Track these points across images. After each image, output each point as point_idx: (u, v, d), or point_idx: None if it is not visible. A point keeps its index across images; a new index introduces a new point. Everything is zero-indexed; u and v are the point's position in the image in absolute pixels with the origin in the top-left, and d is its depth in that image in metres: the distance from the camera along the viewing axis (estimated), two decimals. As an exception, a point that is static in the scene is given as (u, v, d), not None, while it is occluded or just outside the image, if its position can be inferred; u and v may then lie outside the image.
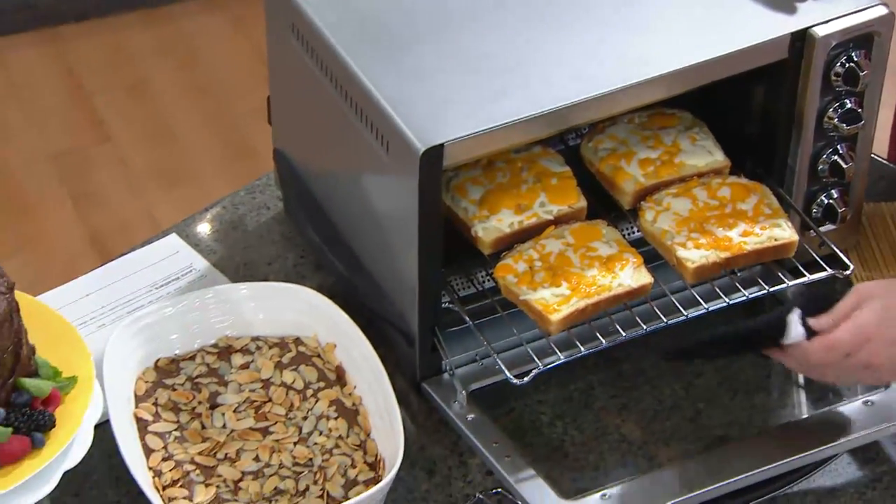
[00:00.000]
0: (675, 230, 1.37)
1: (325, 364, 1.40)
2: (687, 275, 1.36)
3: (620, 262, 1.35)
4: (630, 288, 1.34)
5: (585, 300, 1.32)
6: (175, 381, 1.37)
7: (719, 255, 1.35)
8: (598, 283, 1.33)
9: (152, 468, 1.29)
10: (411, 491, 1.34)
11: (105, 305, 1.47)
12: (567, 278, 1.34)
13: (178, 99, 2.85)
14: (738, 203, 1.39)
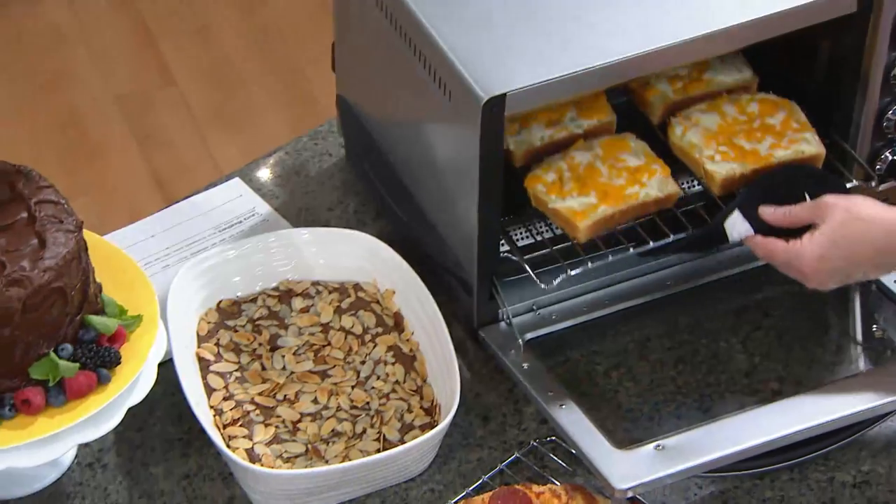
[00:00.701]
0: (703, 144, 1.40)
1: (384, 310, 1.41)
2: (714, 186, 1.39)
3: (648, 172, 1.38)
4: (657, 197, 1.37)
5: (612, 208, 1.35)
6: (237, 323, 1.39)
7: (746, 167, 1.38)
8: (626, 192, 1.36)
9: (213, 407, 1.32)
10: (466, 437, 1.36)
11: (169, 247, 1.50)
12: (595, 187, 1.37)
13: (242, 45, 2.87)
14: (767, 118, 1.41)
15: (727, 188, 1.39)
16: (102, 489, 1.30)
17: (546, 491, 1.27)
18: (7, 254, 1.20)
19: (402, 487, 1.31)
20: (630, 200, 1.36)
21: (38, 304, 1.19)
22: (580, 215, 1.35)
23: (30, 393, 1.20)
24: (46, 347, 1.21)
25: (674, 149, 1.42)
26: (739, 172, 1.38)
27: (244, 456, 1.28)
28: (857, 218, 1.27)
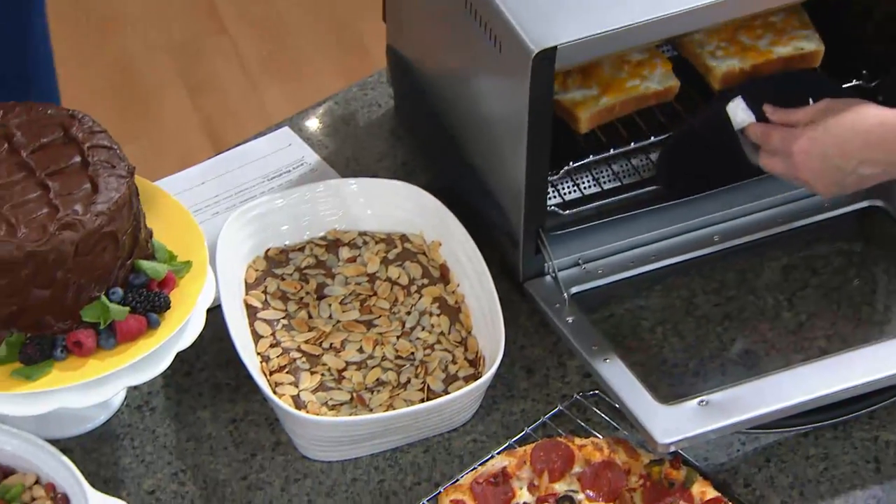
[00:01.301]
0: (704, 39, 1.44)
1: (430, 261, 1.43)
2: (714, 81, 1.43)
3: (650, 66, 1.42)
4: (657, 90, 1.41)
5: (613, 99, 1.40)
6: (284, 271, 1.41)
7: (746, 62, 1.42)
8: (627, 84, 1.40)
9: (260, 354, 1.34)
10: (510, 389, 1.37)
11: (219, 194, 1.52)
12: (598, 80, 1.41)
13: (293, -7, 2.88)
14: (769, 16, 1.44)
15: (727, 83, 1.42)
16: (151, 431, 1.33)
17: (588, 444, 1.28)
18: (60, 197, 1.22)
19: (445, 437, 1.33)
20: (631, 92, 1.40)
21: (90, 248, 1.21)
22: (581, 106, 1.39)
23: (81, 335, 1.22)
24: (98, 291, 1.23)
25: (676, 45, 1.46)
26: (739, 68, 1.42)
27: (290, 402, 1.30)
28: (851, 109, 1.30)
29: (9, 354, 1.21)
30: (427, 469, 1.30)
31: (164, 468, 1.30)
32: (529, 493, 1.25)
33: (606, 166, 1.47)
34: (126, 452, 1.31)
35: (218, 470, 1.30)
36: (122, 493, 1.27)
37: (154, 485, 1.29)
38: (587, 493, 1.25)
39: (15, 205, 1.21)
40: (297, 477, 1.29)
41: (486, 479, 1.26)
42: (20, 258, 1.18)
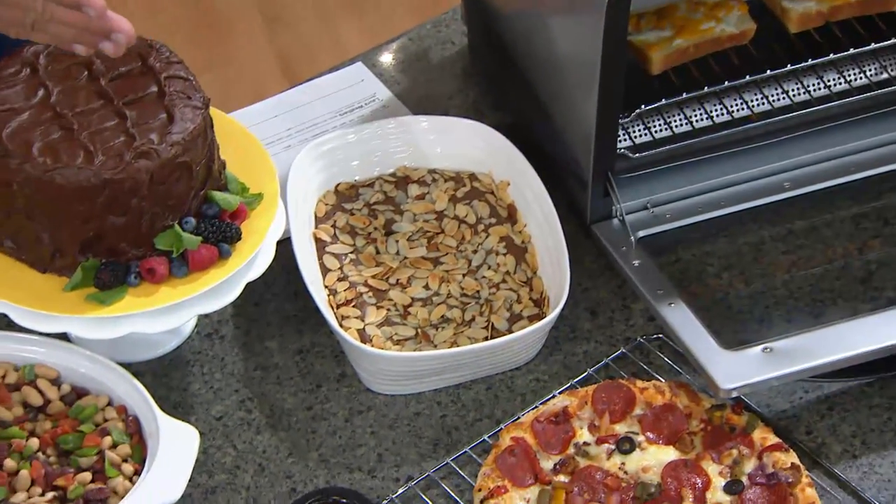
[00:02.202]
0: None
1: (498, 201, 1.44)
2: (791, 24, 1.43)
3: (726, 8, 1.42)
4: (732, 32, 1.41)
5: (687, 41, 1.40)
6: (353, 206, 1.44)
7: (823, 5, 1.42)
8: (702, 26, 1.41)
9: (328, 287, 1.37)
10: (574, 330, 1.39)
11: (291, 127, 1.54)
12: (672, 22, 1.41)
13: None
14: None
15: (803, 25, 1.42)
16: (220, 359, 1.36)
17: (650, 387, 1.29)
18: (137, 126, 1.25)
19: (507, 375, 1.35)
20: (706, 35, 1.40)
21: (164, 177, 1.23)
22: (654, 47, 1.40)
23: (154, 262, 1.25)
24: (171, 219, 1.26)
25: None
26: (816, 10, 1.42)
27: (356, 336, 1.33)
28: None
29: (84, 279, 1.24)
30: (489, 406, 1.33)
31: (231, 395, 1.33)
32: (589, 433, 1.27)
33: (678, 110, 1.47)
34: (195, 378, 1.34)
35: (284, 399, 1.33)
36: (190, 418, 1.31)
37: (222, 411, 1.32)
38: (647, 435, 1.27)
39: (93, 132, 1.24)
40: (360, 409, 1.33)
41: (547, 418, 1.28)
42: (97, 185, 1.21)
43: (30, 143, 1.22)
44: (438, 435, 1.31)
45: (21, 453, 1.20)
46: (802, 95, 1.48)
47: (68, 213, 1.22)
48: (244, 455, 1.29)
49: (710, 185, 1.45)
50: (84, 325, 1.23)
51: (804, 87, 1.48)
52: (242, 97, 1.64)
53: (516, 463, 1.24)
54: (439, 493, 1.26)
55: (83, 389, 1.25)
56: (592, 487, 1.23)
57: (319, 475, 1.28)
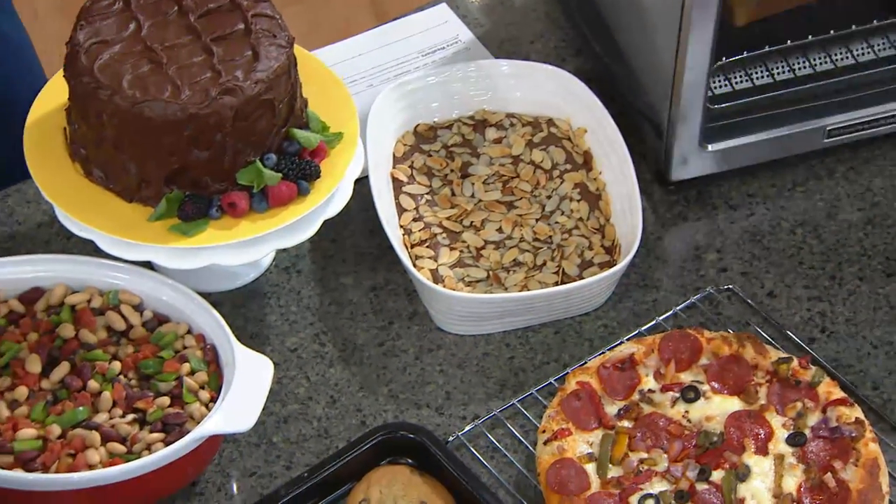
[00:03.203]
0: None
1: (574, 147, 1.47)
2: None
3: None
4: None
5: None
6: (431, 148, 1.47)
7: None
8: None
9: (403, 226, 1.41)
10: (644, 278, 1.42)
11: (375, 66, 1.57)
12: None
13: None
14: None
15: None
16: (296, 292, 1.40)
17: (717, 337, 1.31)
18: (223, 63, 1.28)
19: (576, 320, 1.38)
20: None
21: (247, 114, 1.27)
22: None
23: (236, 197, 1.29)
24: (253, 155, 1.29)
25: None
26: None
27: (428, 276, 1.36)
28: None
29: (168, 210, 1.28)
30: (556, 350, 1.36)
31: (306, 328, 1.37)
32: (655, 381, 1.29)
33: (761, 62, 1.49)
34: (272, 310, 1.39)
35: (356, 334, 1.37)
36: (265, 349, 1.35)
37: (296, 343, 1.36)
38: (712, 384, 1.29)
39: (181, 67, 1.28)
40: (430, 347, 1.36)
41: (614, 364, 1.30)
42: (183, 119, 1.25)
43: (120, 76, 1.27)
44: (506, 376, 1.35)
45: (104, 375, 1.25)
46: (888, 51, 1.49)
47: (155, 145, 1.26)
48: (316, 387, 1.33)
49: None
50: (167, 254, 1.28)
51: (890, 42, 1.49)
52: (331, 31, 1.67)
53: (581, 407, 1.27)
54: (504, 433, 1.30)
55: (164, 317, 1.29)
56: (655, 434, 1.26)
57: (388, 410, 1.32)
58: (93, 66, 1.27)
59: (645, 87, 1.46)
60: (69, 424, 1.22)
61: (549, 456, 1.25)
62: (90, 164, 1.31)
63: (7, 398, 1.24)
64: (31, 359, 1.26)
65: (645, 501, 1.22)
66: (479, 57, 1.56)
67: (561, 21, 1.62)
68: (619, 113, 1.47)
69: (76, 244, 1.38)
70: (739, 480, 1.23)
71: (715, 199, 1.47)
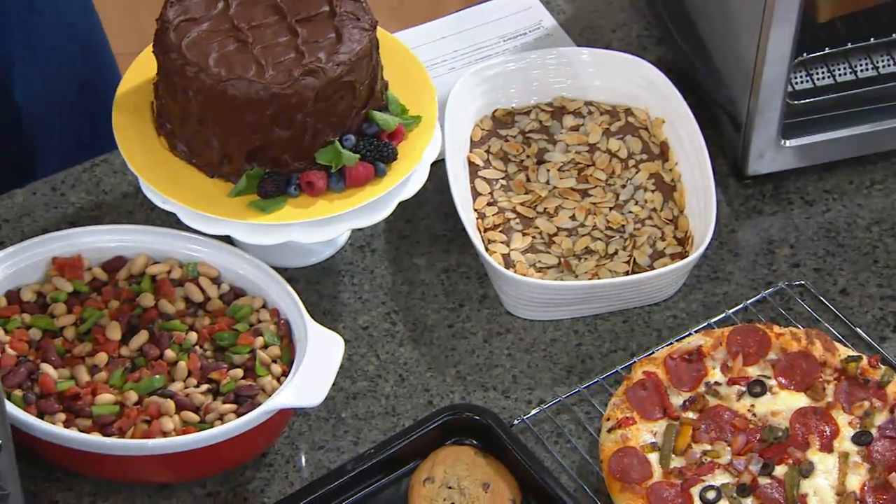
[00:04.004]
0: None
1: (651, 137, 1.49)
2: None
3: None
4: None
5: None
6: (508, 133, 1.49)
7: None
8: None
9: (477, 210, 1.43)
10: (715, 270, 1.43)
11: (457, 50, 1.59)
12: None
13: None
14: None
15: None
16: (369, 271, 1.43)
17: (786, 333, 1.32)
18: (307, 44, 1.31)
19: (645, 310, 1.40)
20: None
21: (329, 95, 1.30)
22: None
23: (314, 176, 1.32)
24: (332, 136, 1.32)
25: None
26: None
27: (500, 260, 1.39)
28: None
29: (248, 186, 1.32)
30: (624, 338, 1.38)
31: (378, 307, 1.40)
32: (722, 374, 1.30)
33: (843, 59, 1.49)
34: (345, 288, 1.41)
35: (427, 315, 1.40)
36: (338, 326, 1.38)
37: (368, 321, 1.39)
38: (779, 380, 1.30)
39: (265, 47, 1.31)
40: (499, 331, 1.39)
41: (681, 355, 1.31)
42: (265, 98, 1.28)
43: (207, 53, 1.30)
44: (573, 362, 1.37)
45: (181, 345, 1.29)
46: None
47: (237, 122, 1.30)
48: (386, 365, 1.36)
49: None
50: (245, 230, 1.31)
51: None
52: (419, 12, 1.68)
53: (646, 396, 1.29)
54: (569, 419, 1.33)
55: (241, 290, 1.33)
56: (720, 426, 1.27)
57: (455, 391, 1.35)
58: (181, 43, 1.31)
59: (725, 79, 1.47)
60: (146, 392, 1.26)
61: (612, 444, 1.27)
62: (175, 139, 1.35)
63: (88, 363, 1.29)
64: (111, 326, 1.30)
65: (706, 493, 1.24)
66: (561, 44, 1.58)
67: (644, 10, 1.63)
68: (698, 104, 1.48)
69: (159, 215, 1.41)
70: (802, 476, 1.24)
71: (791, 194, 1.48)
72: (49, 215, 1.45)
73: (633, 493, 1.24)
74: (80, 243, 1.34)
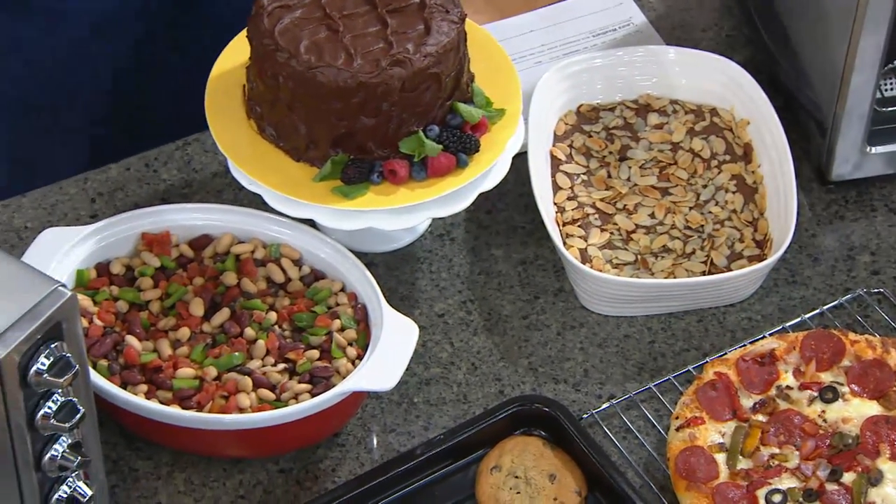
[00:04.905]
0: None
1: (735, 138, 1.50)
2: None
3: None
4: None
5: None
6: (592, 129, 1.51)
7: None
8: None
9: (557, 204, 1.45)
10: (793, 274, 1.43)
11: (545, 44, 1.60)
12: None
13: None
14: None
15: None
16: (448, 259, 1.45)
17: (862, 340, 1.32)
18: (395, 35, 1.34)
19: (720, 310, 1.41)
20: None
21: (415, 86, 1.32)
22: None
23: (397, 164, 1.34)
24: (416, 126, 1.34)
25: None
26: None
27: (577, 255, 1.41)
28: None
29: (332, 172, 1.34)
30: (698, 338, 1.39)
31: (455, 295, 1.42)
32: (794, 378, 1.31)
33: (935, 67, 1.49)
34: (423, 275, 1.44)
35: (503, 305, 1.42)
36: (414, 312, 1.40)
37: (444, 309, 1.42)
38: (852, 387, 1.30)
39: (355, 36, 1.34)
40: (573, 324, 1.41)
41: (753, 358, 1.32)
42: (353, 87, 1.31)
43: (298, 40, 1.33)
44: (644, 359, 1.38)
45: (260, 324, 1.32)
46: None
47: (325, 109, 1.32)
48: (459, 353, 1.39)
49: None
50: (328, 214, 1.34)
51: None
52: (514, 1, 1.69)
53: (716, 397, 1.29)
54: (638, 415, 1.34)
55: (321, 273, 1.36)
56: (789, 430, 1.28)
57: (526, 382, 1.37)
58: (273, 29, 1.34)
59: (812, 84, 1.47)
60: (225, 368, 1.30)
61: (679, 442, 1.28)
62: (263, 122, 1.38)
63: (171, 337, 1.33)
64: (195, 302, 1.34)
65: (772, 496, 1.25)
66: (650, 41, 1.59)
67: (735, 10, 1.63)
68: (784, 107, 1.48)
69: (246, 195, 1.45)
70: (871, 485, 1.25)
71: (875, 201, 1.48)
72: (141, 191, 1.50)
73: (698, 492, 1.25)
74: (168, 220, 1.38)
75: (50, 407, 1.09)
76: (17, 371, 1.05)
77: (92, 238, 1.36)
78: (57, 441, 1.11)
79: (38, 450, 1.10)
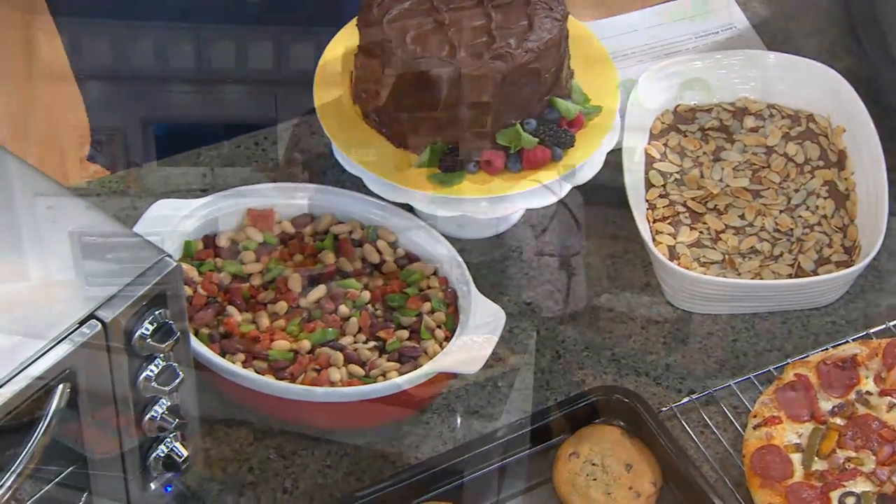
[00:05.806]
0: None
1: (830, 145, 1.51)
2: None
3: None
4: None
5: None
6: (688, 129, 1.53)
7: None
8: None
9: (648, 201, 1.48)
10: (881, 281, 1.44)
11: (648, 44, 1.63)
12: None
13: None
14: None
15: None
16: (538, 249, 1.48)
17: None
18: (499, 29, 1.37)
19: (804, 313, 1.42)
20: None
21: (514, 80, 1.35)
22: None
23: (493, 155, 1.38)
24: (514, 119, 1.38)
25: None
26: None
27: (665, 252, 1.43)
28: None
29: (431, 160, 1.38)
30: (780, 339, 1.41)
31: (543, 285, 1.45)
32: (874, 384, 1.32)
33: None
34: (513, 263, 1.47)
35: (589, 297, 1.44)
36: (502, 299, 1.43)
37: (532, 297, 1.44)
38: None
39: (460, 29, 1.37)
40: (657, 319, 1.43)
41: (835, 362, 1.33)
42: (455, 78, 1.34)
43: (405, 31, 1.37)
44: (726, 357, 1.40)
45: (354, 302, 1.36)
46: None
47: (427, 98, 1.36)
48: (545, 341, 1.41)
49: None
50: (425, 200, 1.38)
51: None
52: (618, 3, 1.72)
53: (795, 398, 1.31)
54: (716, 412, 1.36)
55: (415, 256, 1.40)
56: (867, 435, 1.29)
57: (609, 372, 1.39)
58: (383, 18, 1.38)
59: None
60: (318, 342, 1.34)
61: (756, 440, 1.30)
62: (368, 108, 1.42)
63: (269, 310, 1.38)
64: (293, 278, 1.39)
65: (846, 498, 1.26)
66: (751, 45, 1.60)
67: (840, 18, 1.64)
68: (882, 115, 1.49)
69: (349, 178, 1.48)
70: (945, 493, 1.26)
71: (969, 214, 1.49)
72: (250, 168, 1.55)
73: (772, 490, 1.27)
74: (273, 197, 1.43)
75: (152, 370, 1.14)
76: (122, 335, 1.11)
77: (201, 211, 1.41)
78: (157, 403, 1.17)
79: (139, 410, 1.16)
